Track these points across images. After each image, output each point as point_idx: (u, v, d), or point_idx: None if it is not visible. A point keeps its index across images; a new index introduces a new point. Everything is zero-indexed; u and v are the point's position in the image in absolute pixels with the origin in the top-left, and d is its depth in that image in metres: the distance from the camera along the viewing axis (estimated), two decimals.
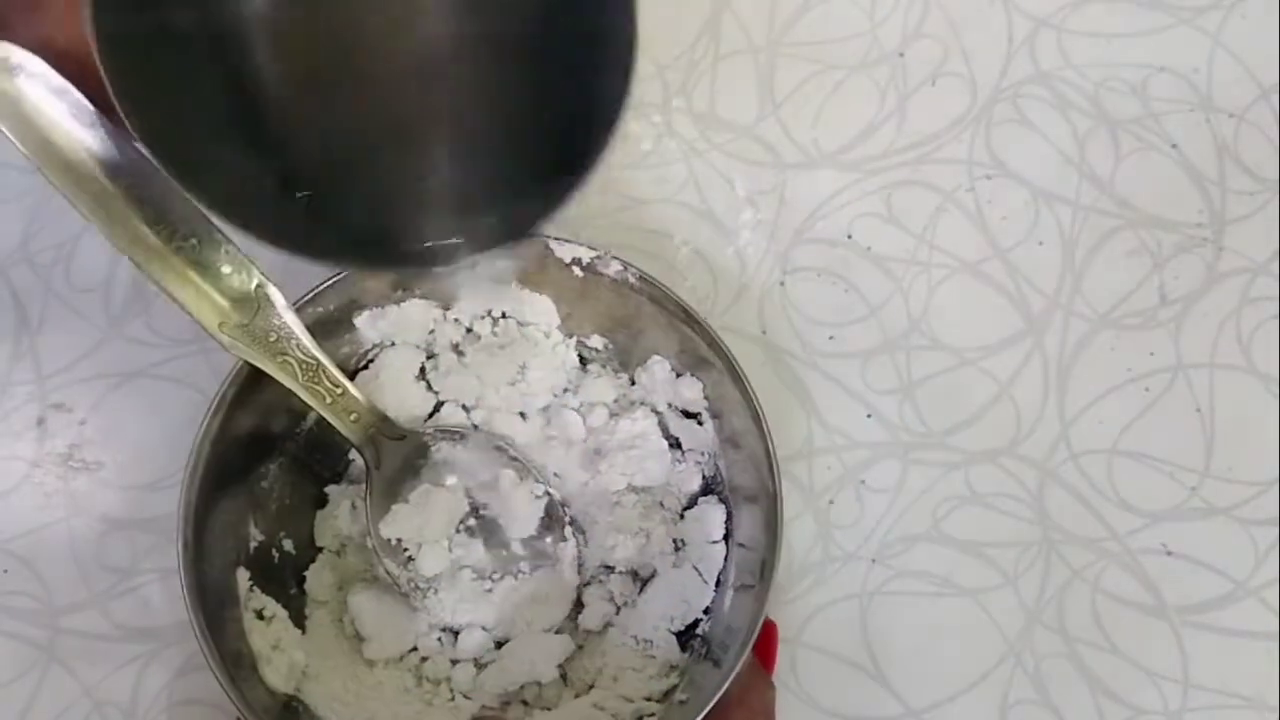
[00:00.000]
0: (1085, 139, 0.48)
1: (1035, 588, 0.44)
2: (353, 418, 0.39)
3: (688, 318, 0.39)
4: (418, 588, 0.40)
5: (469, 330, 0.43)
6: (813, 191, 0.48)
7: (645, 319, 0.41)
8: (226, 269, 0.36)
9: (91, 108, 0.32)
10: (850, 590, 0.44)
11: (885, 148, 0.48)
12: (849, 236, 0.47)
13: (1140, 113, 0.49)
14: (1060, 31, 0.50)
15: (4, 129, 0.32)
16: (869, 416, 0.46)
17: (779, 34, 0.49)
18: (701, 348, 0.40)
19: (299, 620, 0.40)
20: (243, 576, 0.39)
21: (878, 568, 0.44)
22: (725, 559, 0.41)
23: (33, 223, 0.46)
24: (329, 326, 0.40)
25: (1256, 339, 0.47)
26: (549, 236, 0.40)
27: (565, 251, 0.40)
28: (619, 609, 0.42)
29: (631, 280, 0.40)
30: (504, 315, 0.43)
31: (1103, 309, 0.47)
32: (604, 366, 0.43)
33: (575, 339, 0.43)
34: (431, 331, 0.43)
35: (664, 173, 0.48)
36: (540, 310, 0.42)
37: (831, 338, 0.46)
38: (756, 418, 0.38)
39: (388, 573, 0.40)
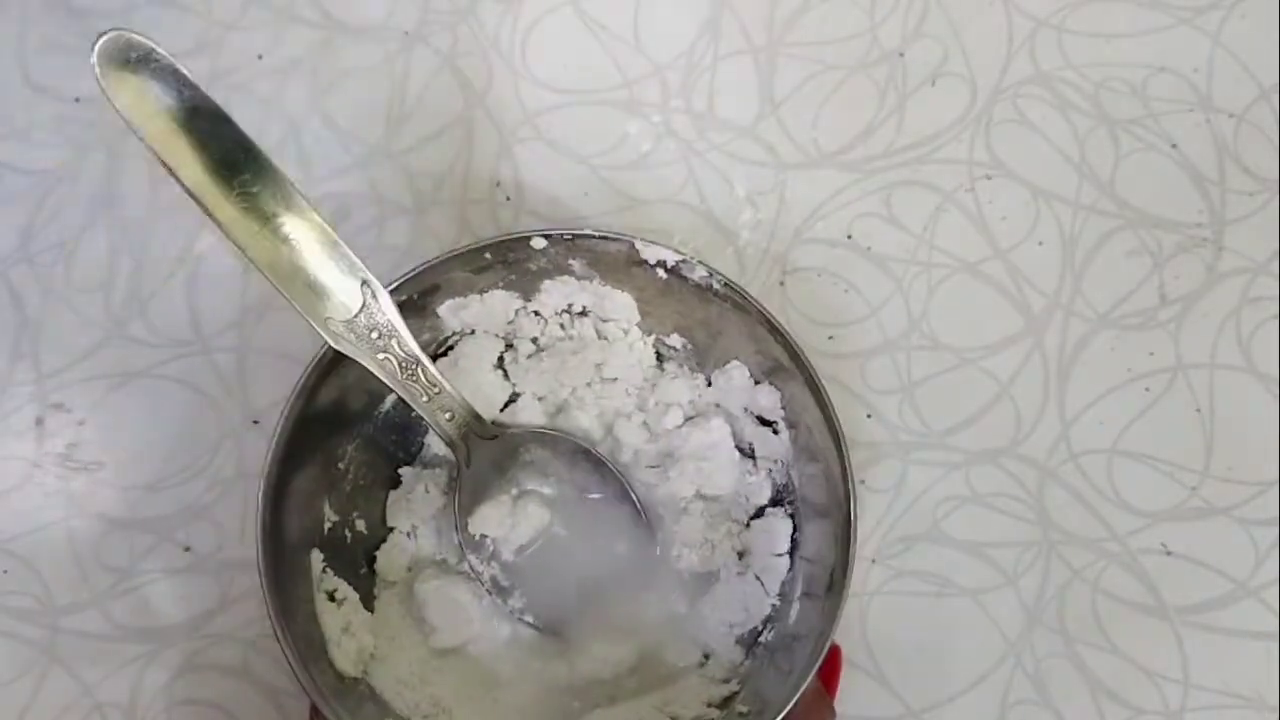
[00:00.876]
0: (1085, 139, 0.48)
1: (1035, 588, 0.44)
2: (447, 416, 0.39)
3: (770, 327, 0.39)
4: (500, 586, 0.41)
5: (549, 322, 0.43)
6: (813, 191, 0.48)
7: (726, 324, 0.41)
8: (337, 267, 0.36)
9: (216, 106, 0.33)
10: (850, 590, 0.44)
11: (885, 148, 0.48)
12: (849, 236, 0.47)
13: (1140, 113, 0.49)
14: (1060, 31, 0.50)
15: (135, 127, 0.32)
16: (869, 416, 0.46)
17: (779, 34, 0.49)
18: (783, 358, 0.40)
19: (368, 601, 0.41)
20: (317, 558, 0.39)
21: (878, 568, 0.44)
22: (789, 571, 0.41)
23: (33, 223, 0.46)
24: (412, 311, 0.40)
25: (1256, 339, 0.47)
26: (635, 238, 0.40)
27: (651, 253, 0.40)
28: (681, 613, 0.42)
29: (716, 286, 0.40)
30: (584, 311, 0.43)
31: (1103, 309, 0.47)
32: (681, 366, 0.44)
33: (654, 336, 0.43)
34: (511, 322, 0.43)
35: (664, 173, 0.48)
36: (620, 306, 0.43)
37: (831, 338, 0.46)
38: (835, 434, 0.38)
39: (471, 568, 0.41)
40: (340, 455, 0.41)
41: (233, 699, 0.43)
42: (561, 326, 0.43)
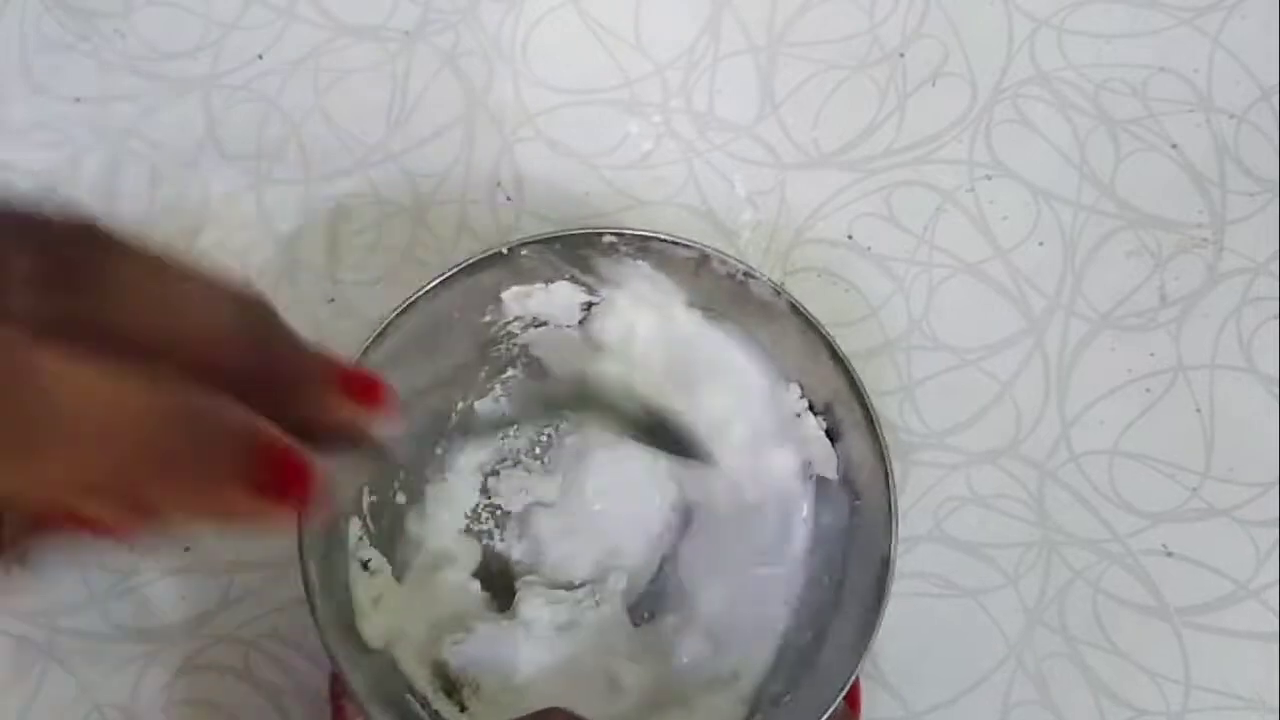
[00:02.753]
0: (1085, 139, 0.48)
1: (1036, 588, 0.44)
2: None
3: (832, 353, 0.39)
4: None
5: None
6: (813, 191, 0.48)
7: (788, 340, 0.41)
8: None
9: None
10: None
11: (885, 148, 0.48)
12: (849, 236, 0.47)
13: (1140, 113, 0.49)
14: (1060, 31, 0.50)
15: None
16: None
17: (779, 34, 0.49)
18: (842, 388, 0.40)
19: (400, 573, 0.41)
20: (355, 526, 0.40)
21: None
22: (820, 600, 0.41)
23: None
24: (476, 296, 0.40)
25: (1256, 339, 0.46)
26: (742, 265, 0.40)
27: (755, 287, 0.40)
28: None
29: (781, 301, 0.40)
30: None
31: (1103, 309, 0.47)
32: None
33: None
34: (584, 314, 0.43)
35: (664, 173, 0.48)
36: None
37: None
38: (886, 480, 0.38)
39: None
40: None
41: (233, 699, 0.42)
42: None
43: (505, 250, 0.39)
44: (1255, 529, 0.45)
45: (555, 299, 0.42)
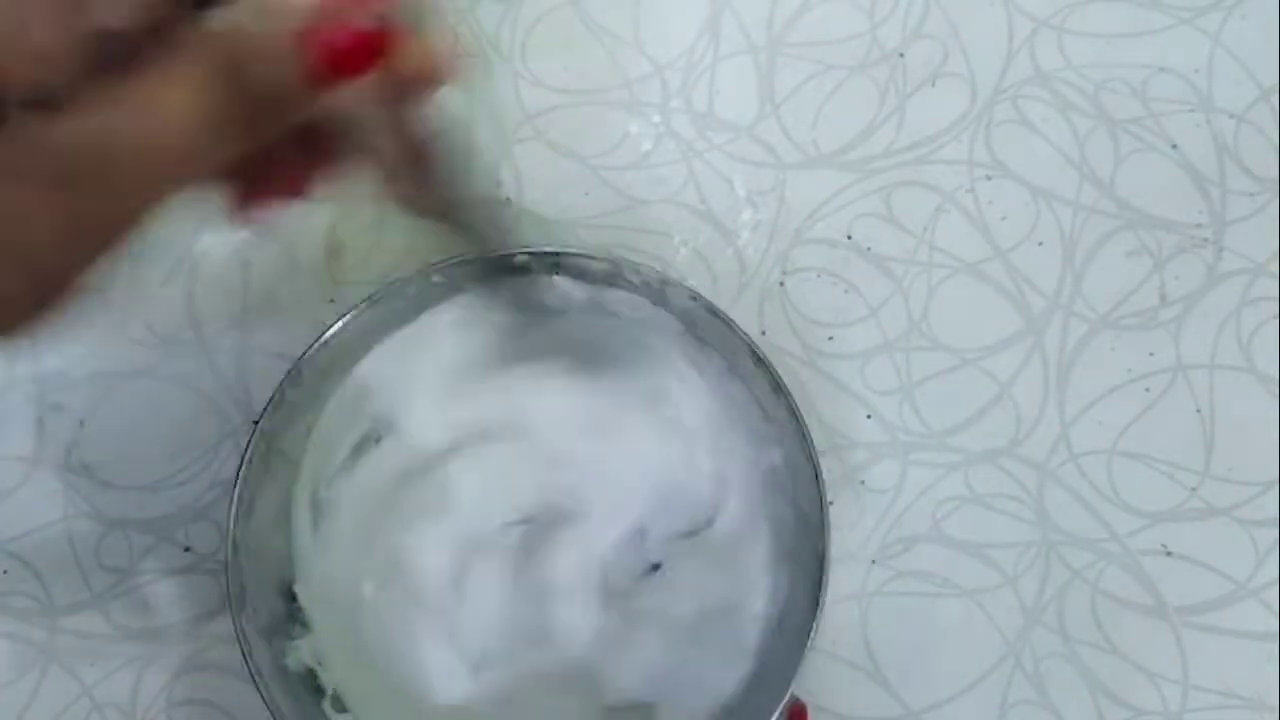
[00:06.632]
0: (1085, 139, 0.48)
1: (1035, 588, 0.44)
2: None
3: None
4: None
5: None
6: (813, 191, 0.48)
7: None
8: None
9: None
10: (850, 591, 0.44)
11: (885, 148, 0.48)
12: (849, 236, 0.47)
13: (1140, 113, 0.49)
14: (1060, 32, 0.50)
15: None
16: (869, 417, 0.46)
17: (779, 34, 0.49)
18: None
19: None
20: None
21: (877, 568, 0.44)
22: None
23: None
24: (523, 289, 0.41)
25: (1256, 339, 0.46)
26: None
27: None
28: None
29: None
30: None
31: (1103, 309, 0.47)
32: None
33: None
34: None
35: (663, 173, 0.48)
36: None
37: (831, 338, 0.46)
38: (817, 478, 0.39)
39: None
40: None
41: (233, 699, 0.43)
42: None
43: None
44: (1255, 529, 0.45)
45: None
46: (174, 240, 0.46)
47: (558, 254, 0.40)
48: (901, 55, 0.49)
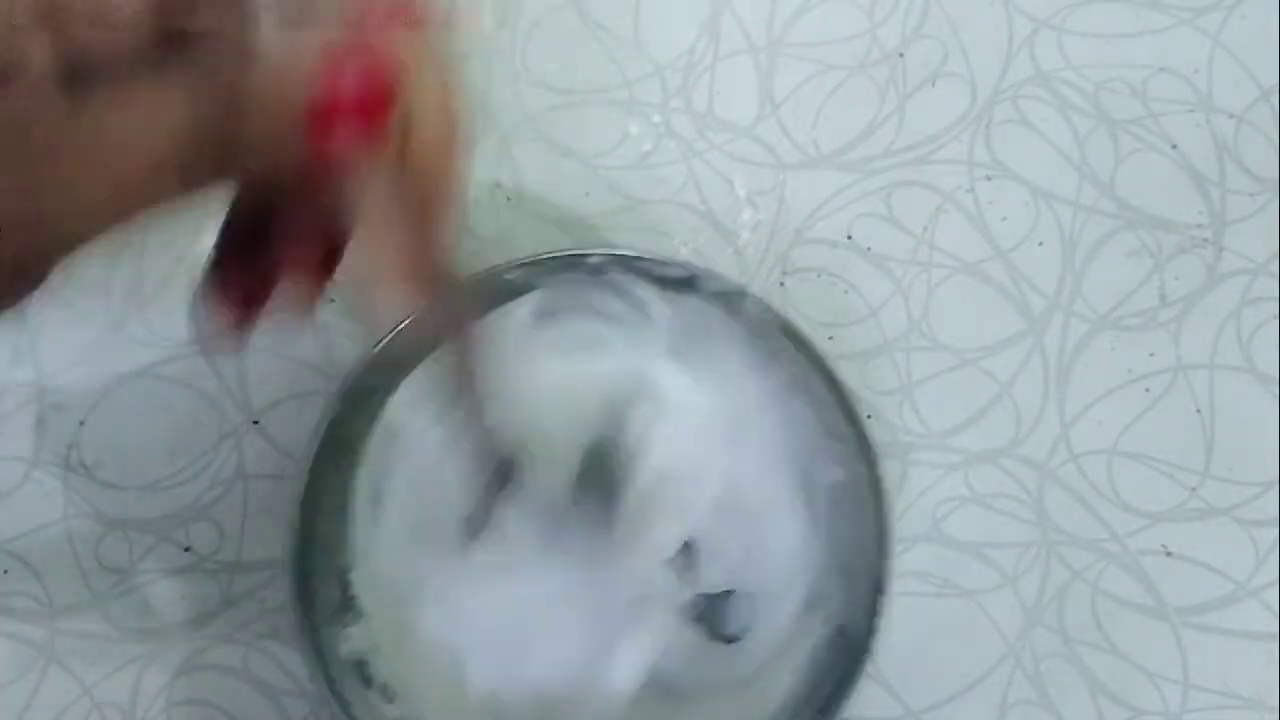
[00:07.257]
0: (1085, 139, 0.48)
1: (1035, 588, 0.44)
2: None
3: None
4: None
5: None
6: (813, 191, 0.48)
7: None
8: None
9: None
10: None
11: (885, 148, 0.48)
12: (849, 236, 0.47)
13: (1140, 113, 0.49)
14: (1060, 32, 0.50)
15: None
16: (869, 417, 0.46)
17: (779, 34, 0.49)
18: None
19: None
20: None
21: None
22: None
23: None
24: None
25: (1256, 339, 0.47)
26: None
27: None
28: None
29: None
30: None
31: (1103, 309, 0.47)
32: None
33: None
34: None
35: (663, 173, 0.48)
36: None
37: (831, 338, 0.46)
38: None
39: None
40: None
41: (233, 699, 0.43)
42: None
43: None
44: (1255, 529, 0.45)
45: None
46: (174, 240, 0.46)
47: (635, 258, 0.41)
48: (901, 55, 0.49)
